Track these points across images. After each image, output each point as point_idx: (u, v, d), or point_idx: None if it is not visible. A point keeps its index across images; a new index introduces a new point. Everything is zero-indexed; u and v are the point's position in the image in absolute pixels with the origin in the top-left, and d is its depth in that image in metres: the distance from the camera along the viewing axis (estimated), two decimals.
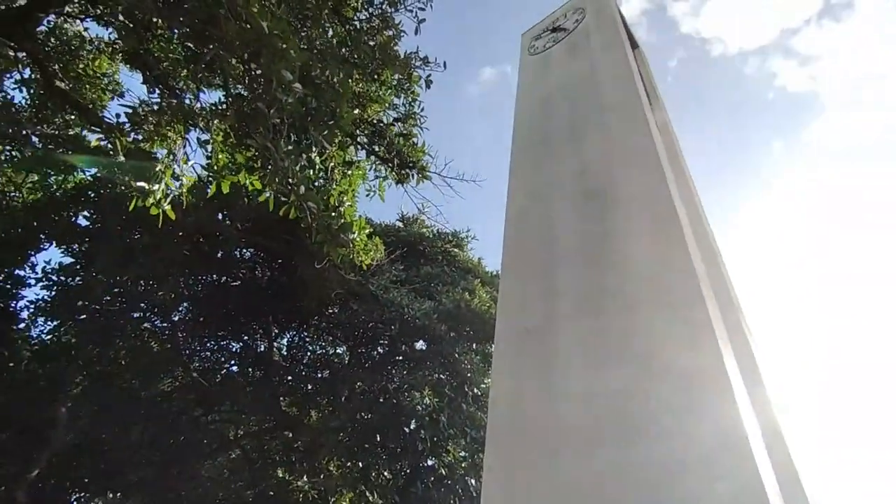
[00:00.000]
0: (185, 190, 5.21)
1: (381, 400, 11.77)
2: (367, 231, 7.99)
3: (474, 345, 12.08)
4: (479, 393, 11.17)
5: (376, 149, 6.80)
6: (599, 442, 2.73)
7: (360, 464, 12.06)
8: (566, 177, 5.09)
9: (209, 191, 5.71)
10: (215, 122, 5.36)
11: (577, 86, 6.21)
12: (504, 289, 4.65)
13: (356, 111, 6.25)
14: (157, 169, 4.90)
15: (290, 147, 3.13)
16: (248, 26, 3.02)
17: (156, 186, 4.76)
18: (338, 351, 16.49)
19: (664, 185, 3.97)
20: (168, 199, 4.88)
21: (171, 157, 5.20)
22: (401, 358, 14.04)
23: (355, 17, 6.34)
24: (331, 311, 13.63)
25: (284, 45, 3.04)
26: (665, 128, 6.27)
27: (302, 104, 3.18)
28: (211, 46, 3.38)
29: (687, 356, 2.82)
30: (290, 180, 3.13)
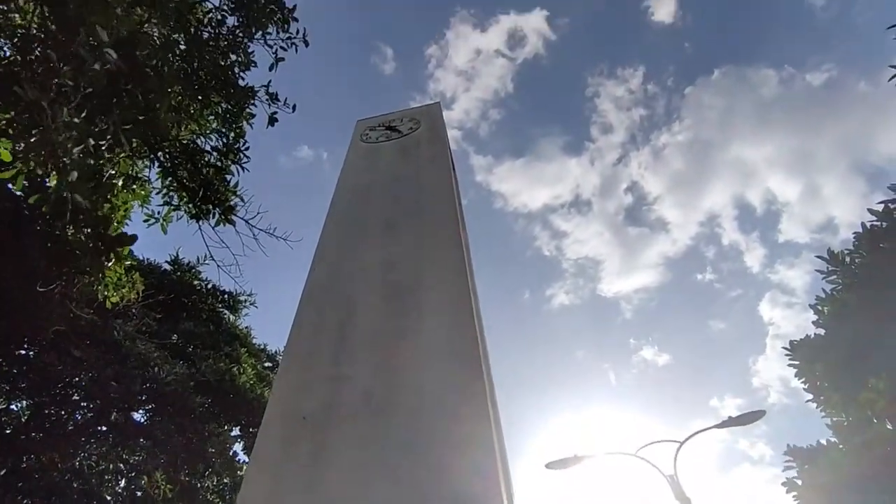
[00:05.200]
0: None
1: (72, 483, 8.95)
2: (127, 263, 6.62)
3: (226, 426, 10.32)
4: (227, 484, 9.36)
5: (179, 172, 5.79)
6: None
7: None
8: (375, 265, 5.09)
9: None
10: None
11: (401, 184, 6.53)
12: (285, 367, 4.21)
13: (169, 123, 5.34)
14: None
15: (76, 120, 2.40)
16: None
17: None
18: (12, 407, 12.12)
19: (466, 294, 4.24)
20: None
21: None
22: (104, 429, 11.04)
23: (201, 30, 5.67)
24: (25, 351, 10.30)
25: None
26: (467, 246, 6.91)
27: (108, 80, 2.54)
28: None
29: (466, 475, 2.83)
30: (63, 160, 2.35)
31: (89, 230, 2.85)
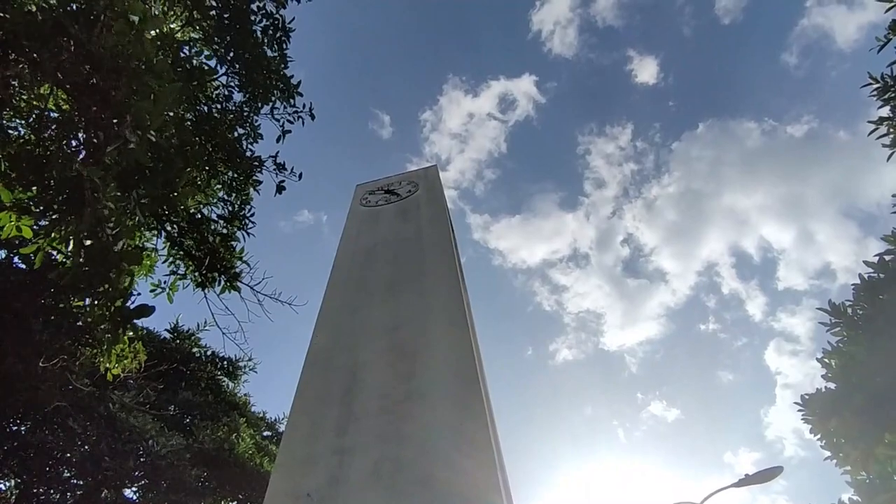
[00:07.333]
0: None
1: None
2: (129, 333, 6.58)
3: (223, 502, 9.77)
4: None
5: (185, 241, 5.90)
6: None
7: None
8: (379, 329, 5.06)
9: None
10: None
11: (401, 246, 6.60)
12: (288, 439, 4.10)
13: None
14: None
15: (118, 193, 2.53)
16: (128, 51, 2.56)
17: None
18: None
19: (471, 357, 4.21)
20: None
21: None
22: None
23: (210, 108, 5.94)
24: (16, 427, 9.90)
25: (160, 88, 2.61)
26: (468, 304, 6.92)
27: (141, 157, 2.66)
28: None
29: None
30: (108, 232, 2.43)
31: (108, 303, 2.89)
